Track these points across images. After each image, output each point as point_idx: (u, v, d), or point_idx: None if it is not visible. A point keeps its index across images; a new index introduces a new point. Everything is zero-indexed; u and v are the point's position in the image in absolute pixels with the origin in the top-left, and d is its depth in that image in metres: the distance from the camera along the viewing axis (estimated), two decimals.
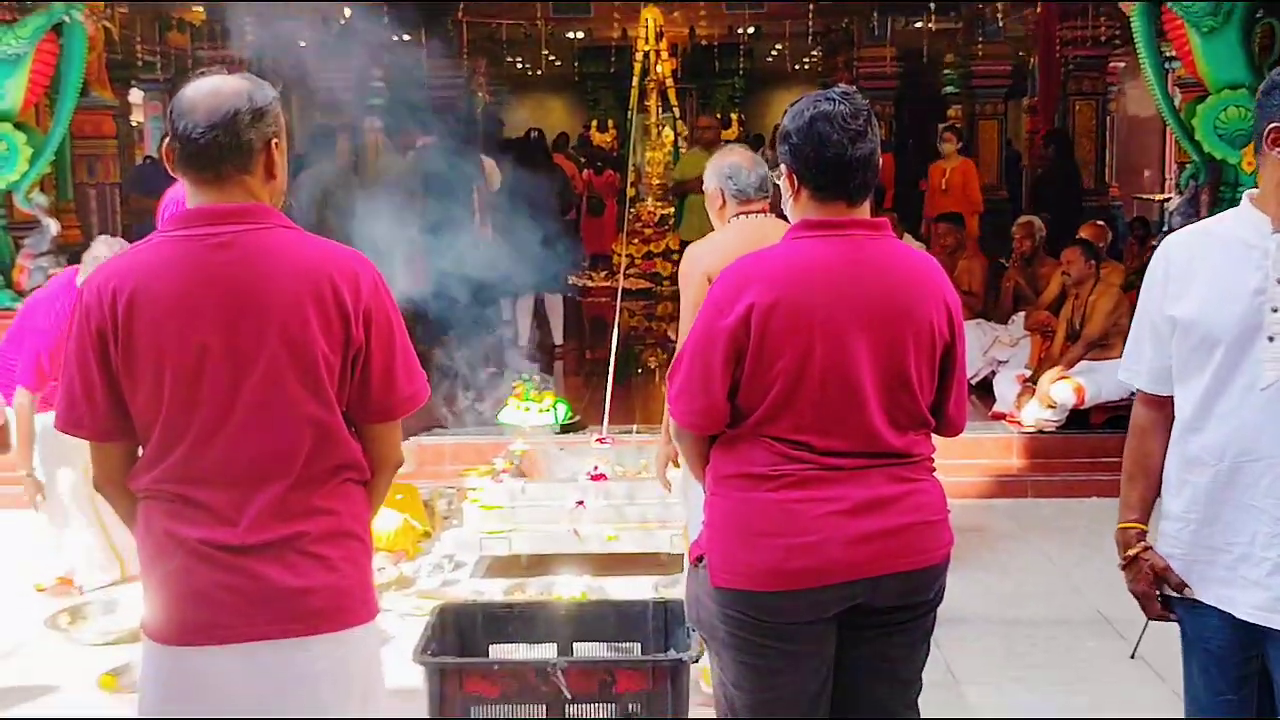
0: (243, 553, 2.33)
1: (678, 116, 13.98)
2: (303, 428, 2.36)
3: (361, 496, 2.49)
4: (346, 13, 10.96)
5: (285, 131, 2.47)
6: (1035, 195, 12.79)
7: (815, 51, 19.18)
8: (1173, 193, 11.19)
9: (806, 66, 20.26)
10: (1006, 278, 9.34)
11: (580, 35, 18.33)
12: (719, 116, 15.36)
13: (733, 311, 2.59)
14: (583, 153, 17.00)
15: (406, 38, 13.39)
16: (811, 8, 14.41)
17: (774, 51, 20.69)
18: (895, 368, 2.64)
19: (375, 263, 2.47)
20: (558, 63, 21.00)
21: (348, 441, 2.43)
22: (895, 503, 2.65)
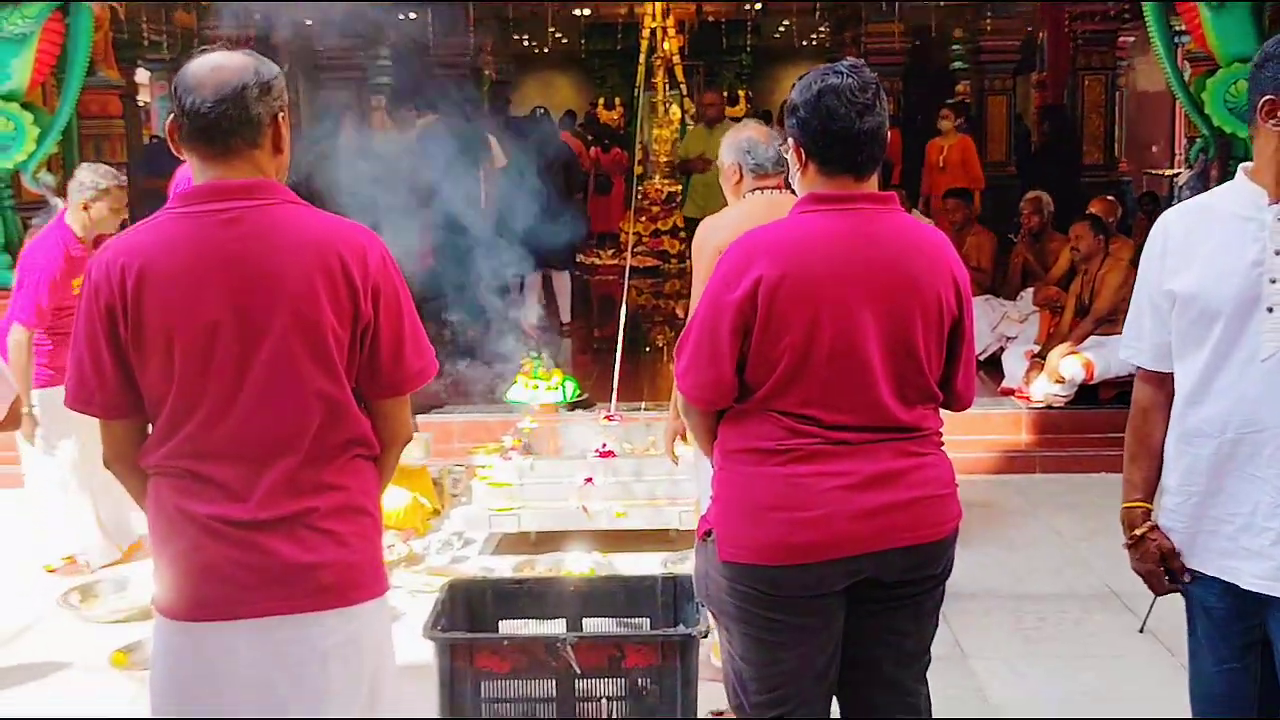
0: (254, 528, 2.33)
1: (685, 94, 13.95)
2: (313, 403, 2.36)
3: (371, 472, 2.50)
4: None
5: (289, 108, 2.47)
6: (1033, 171, 12.74)
7: (823, 27, 19.08)
8: (1182, 167, 11.14)
9: (814, 43, 20.18)
10: (1015, 253, 9.32)
11: (587, 12, 18.26)
12: (725, 93, 15.31)
13: (740, 285, 2.59)
14: (590, 130, 16.97)
15: (413, 15, 13.37)
16: None
17: (781, 28, 20.59)
18: (903, 342, 2.63)
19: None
20: (564, 40, 20.91)
21: (357, 417, 2.44)
22: (903, 477, 2.65)
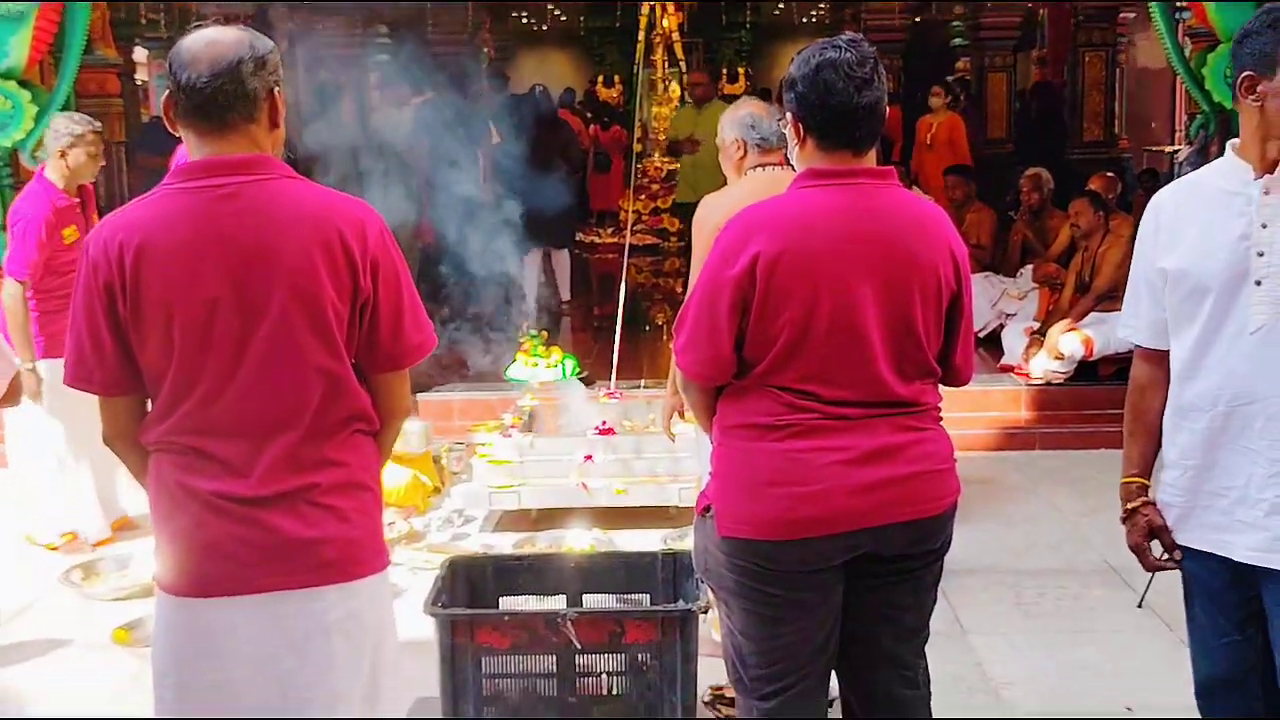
0: (255, 504, 2.34)
1: (684, 71, 13.88)
2: (313, 378, 2.36)
3: (371, 448, 2.50)
4: None
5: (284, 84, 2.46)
6: (1024, 147, 12.72)
7: (822, 4, 19.03)
8: (1182, 144, 11.12)
9: (814, 19, 20.11)
10: (1015, 230, 9.31)
11: None
12: (724, 70, 15.25)
13: (738, 261, 2.59)
14: (589, 108, 16.91)
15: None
16: None
17: (781, 4, 20.52)
18: (901, 317, 2.63)
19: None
20: (563, 17, 20.84)
21: (357, 392, 2.44)
22: (901, 452, 2.65)
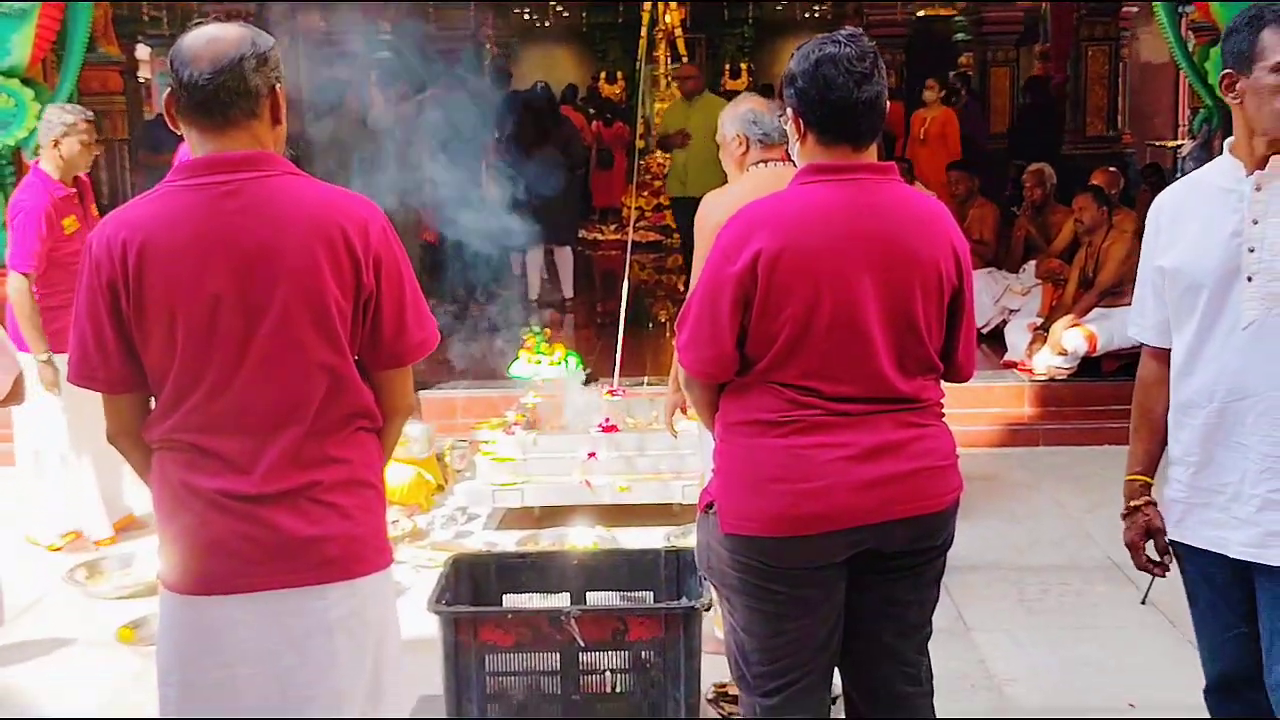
0: (258, 502, 2.34)
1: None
2: (316, 375, 2.36)
3: (374, 445, 2.50)
4: None
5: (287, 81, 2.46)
6: (1016, 142, 12.70)
7: None
8: (1186, 138, 11.11)
9: (816, 15, 20.09)
10: (1018, 226, 9.30)
11: None
12: (727, 66, 15.23)
13: (740, 259, 2.58)
14: (591, 104, 16.89)
15: None
16: None
17: (783, 0, 20.52)
18: (903, 313, 2.63)
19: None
20: (565, 13, 20.83)
21: (360, 388, 2.44)
22: (903, 448, 2.65)
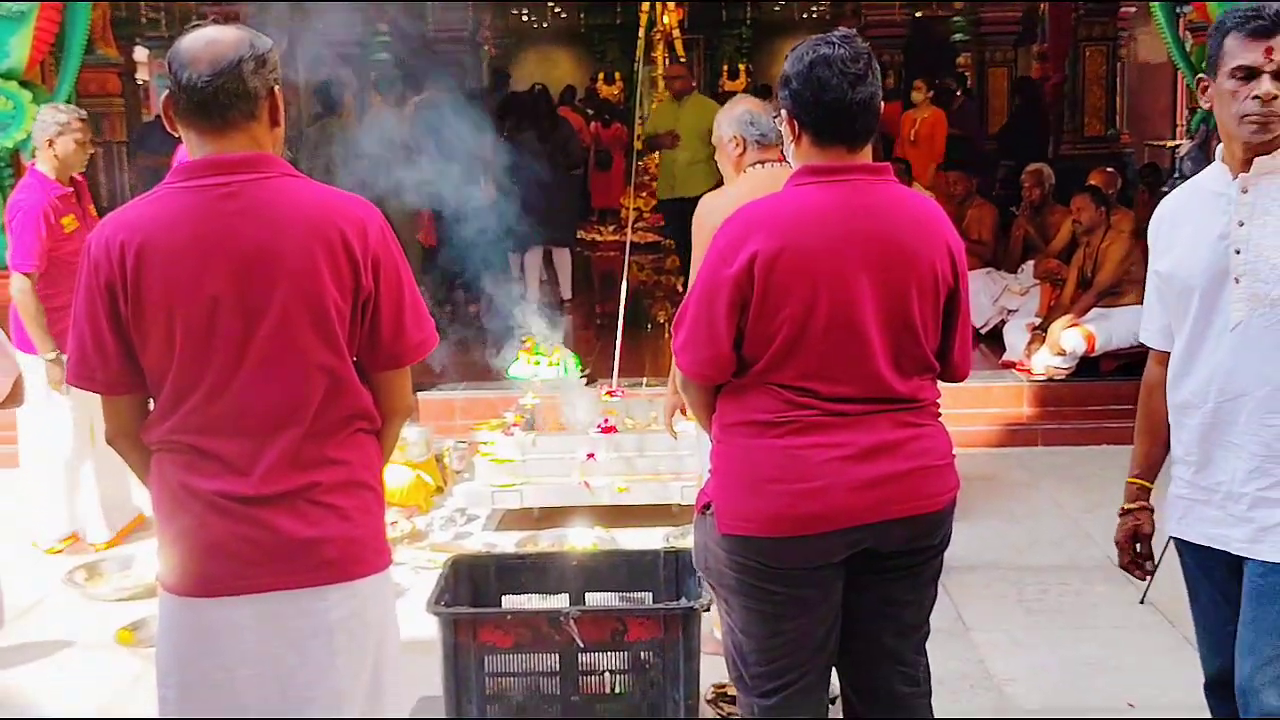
0: (256, 503, 2.34)
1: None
2: (315, 376, 2.36)
3: (373, 447, 2.50)
4: None
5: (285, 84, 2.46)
6: (1003, 144, 12.72)
7: (823, 0, 19.02)
8: (1184, 138, 11.11)
9: (814, 15, 20.11)
10: (1016, 226, 9.31)
11: None
12: (725, 66, 15.25)
13: (736, 260, 2.59)
14: (590, 105, 16.89)
15: None
16: None
17: (781, 0, 20.53)
18: (899, 313, 2.63)
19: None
20: (563, 15, 20.85)
21: (359, 390, 2.44)
22: (900, 448, 2.65)
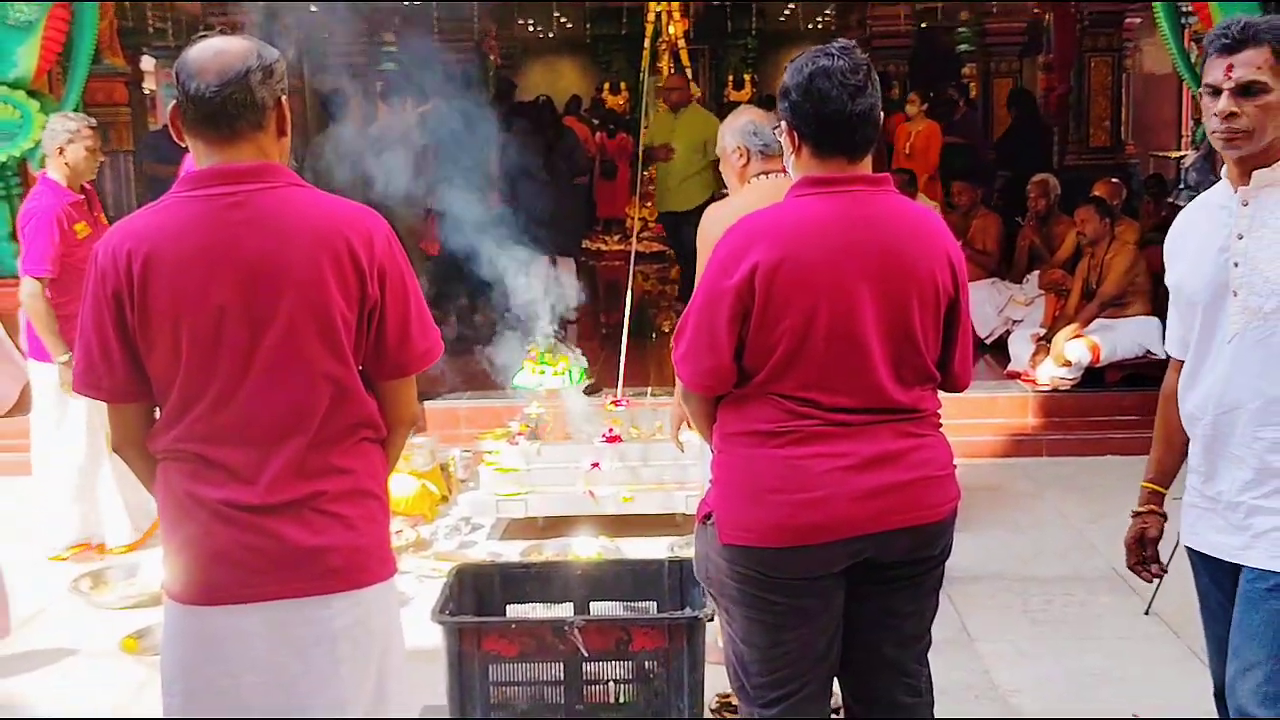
0: (262, 512, 2.35)
1: (690, 78, 13.88)
2: (321, 385, 2.37)
3: (378, 455, 2.51)
4: None
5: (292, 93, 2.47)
6: (1001, 155, 12.73)
7: (828, 10, 19.02)
8: (1189, 149, 11.11)
9: (820, 25, 20.11)
10: (1022, 236, 9.30)
11: None
12: (730, 76, 15.24)
13: (737, 271, 2.59)
14: (596, 115, 16.91)
15: (417, 1, 13.34)
16: None
17: (787, 11, 20.53)
18: (900, 323, 2.64)
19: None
20: (569, 24, 20.86)
21: (364, 398, 2.45)
22: (901, 458, 2.65)
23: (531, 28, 21.18)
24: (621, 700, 3.69)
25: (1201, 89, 2.64)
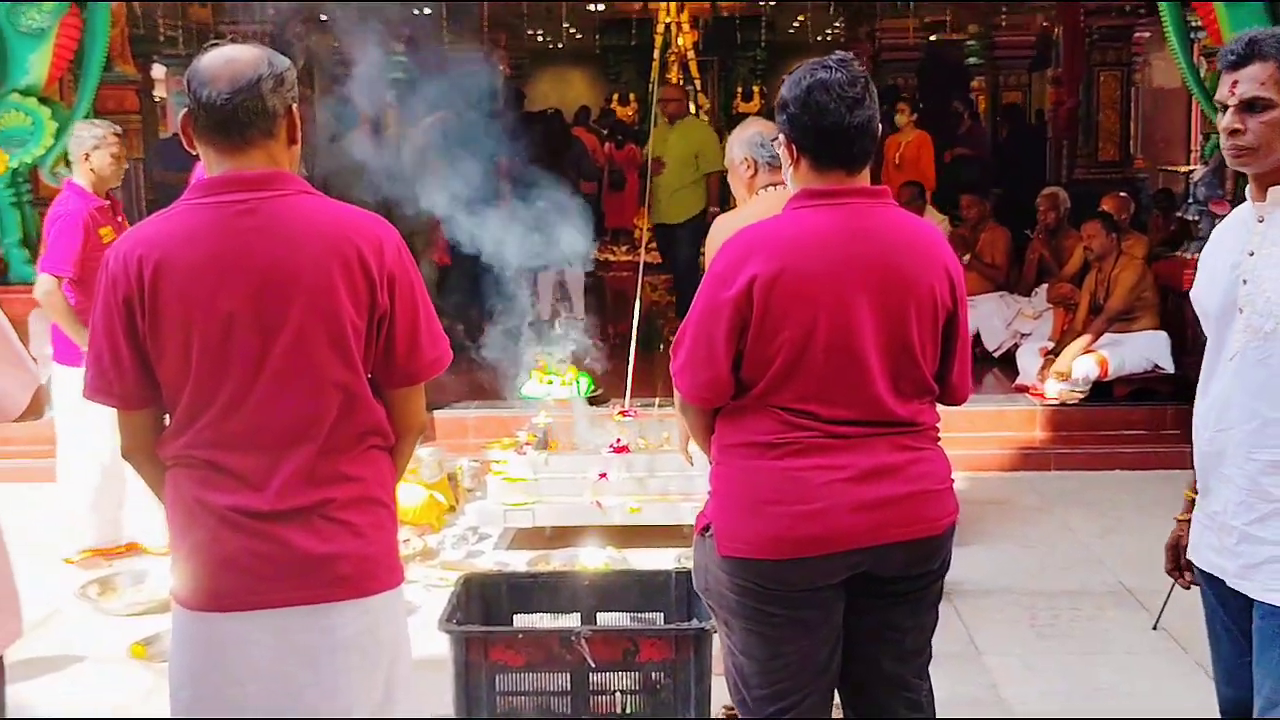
0: (271, 519, 2.35)
1: (699, 89, 13.90)
2: (330, 393, 2.38)
3: (386, 463, 2.51)
4: None
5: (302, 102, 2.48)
6: (994, 169, 12.72)
7: (837, 23, 19.05)
8: (1198, 164, 11.09)
9: (828, 38, 20.14)
10: (1031, 250, 9.30)
11: (601, 8, 18.23)
12: (739, 88, 15.24)
13: (735, 284, 2.59)
14: (605, 126, 16.94)
15: (427, 11, 13.37)
16: None
17: (796, 23, 20.56)
18: (898, 336, 2.64)
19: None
20: (578, 36, 20.91)
21: (373, 406, 2.45)
22: (899, 471, 2.65)
23: (541, 38, 21.24)
24: (628, 711, 3.69)
25: (1218, 104, 2.63)
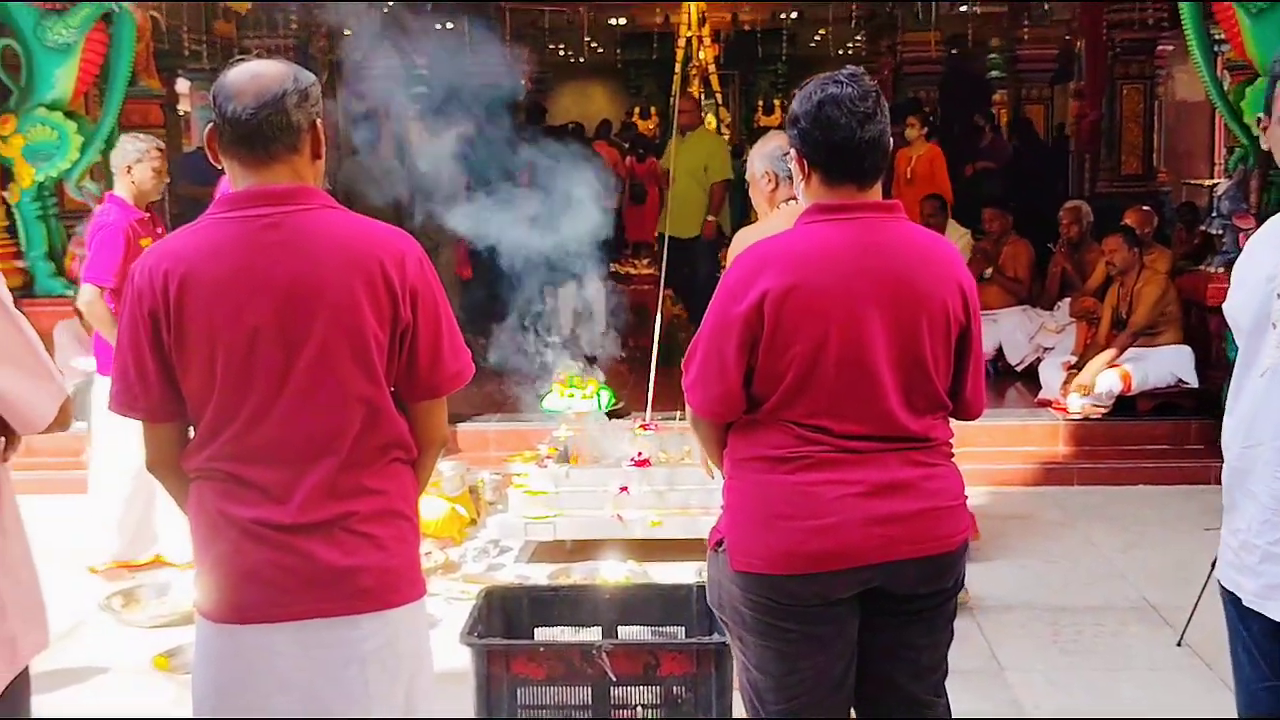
0: (293, 532, 2.36)
1: (720, 103, 13.94)
2: (353, 406, 2.39)
3: (409, 476, 2.52)
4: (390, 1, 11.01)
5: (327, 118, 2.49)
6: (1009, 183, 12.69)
7: (859, 36, 19.06)
8: (1221, 177, 11.04)
9: (849, 51, 20.14)
10: (1053, 263, 9.27)
11: (623, 21, 18.31)
12: (760, 102, 15.25)
13: (746, 298, 2.59)
14: (626, 139, 16.97)
15: (450, 25, 13.43)
16: None
17: (817, 37, 20.58)
18: (910, 350, 2.63)
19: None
20: (600, 49, 20.98)
21: (396, 419, 2.46)
22: (912, 487, 2.64)
23: (563, 52, 21.32)
24: None
25: (1277, 116, 2.56)
